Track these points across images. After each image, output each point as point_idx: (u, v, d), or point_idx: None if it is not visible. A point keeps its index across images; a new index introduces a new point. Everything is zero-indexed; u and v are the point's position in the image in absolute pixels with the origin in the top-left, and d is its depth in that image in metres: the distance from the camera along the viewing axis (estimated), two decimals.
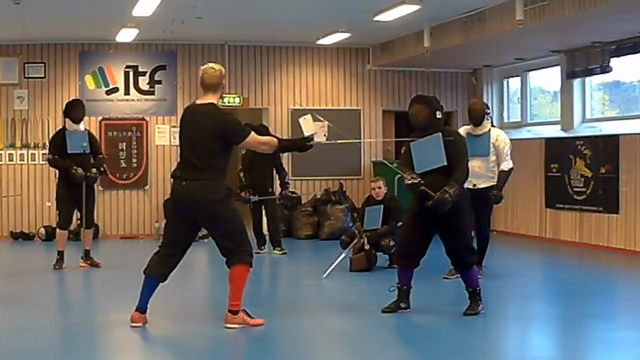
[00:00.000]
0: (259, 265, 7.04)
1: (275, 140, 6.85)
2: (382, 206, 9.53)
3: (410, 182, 6.83)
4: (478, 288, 6.97)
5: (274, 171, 11.42)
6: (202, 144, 6.35)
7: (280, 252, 11.25)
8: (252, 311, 6.57)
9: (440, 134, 6.85)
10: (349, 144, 11.27)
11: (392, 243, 9.40)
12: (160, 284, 6.57)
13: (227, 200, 6.47)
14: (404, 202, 8.90)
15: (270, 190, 11.36)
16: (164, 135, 13.73)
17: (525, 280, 9.23)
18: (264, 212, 11.38)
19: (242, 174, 11.25)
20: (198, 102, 6.58)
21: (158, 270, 6.50)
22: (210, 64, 6.61)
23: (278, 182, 11.47)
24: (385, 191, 9.86)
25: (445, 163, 6.80)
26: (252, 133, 6.51)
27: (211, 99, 6.47)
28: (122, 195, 13.66)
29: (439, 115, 6.98)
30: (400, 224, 9.46)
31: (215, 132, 6.33)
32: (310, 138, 6.70)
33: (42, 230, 13.09)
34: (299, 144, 6.77)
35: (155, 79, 13.75)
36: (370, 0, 10.51)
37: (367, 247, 9.52)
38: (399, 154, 13.94)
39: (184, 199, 6.40)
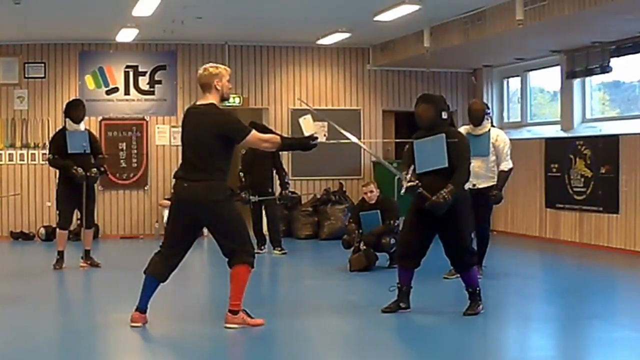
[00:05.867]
0: (259, 265, 7.03)
1: (278, 138, 6.78)
2: (378, 211, 9.60)
3: (407, 184, 6.83)
4: (478, 288, 6.97)
5: (274, 171, 11.43)
6: (203, 145, 6.34)
7: (280, 252, 11.25)
8: (252, 311, 6.56)
9: (443, 135, 6.83)
10: (349, 144, 11.22)
11: (392, 241, 9.42)
12: (161, 284, 6.57)
13: (229, 200, 6.47)
14: (404, 202, 8.91)
15: (270, 190, 11.36)
16: (164, 135, 13.73)
17: (525, 280, 9.23)
18: (264, 212, 11.38)
19: (242, 175, 11.25)
20: (198, 102, 6.58)
21: (158, 271, 6.50)
22: (206, 65, 6.60)
23: (278, 182, 11.48)
24: (378, 194, 9.87)
25: (447, 165, 6.80)
26: (253, 131, 6.49)
27: (210, 99, 6.45)
28: (122, 195, 13.66)
29: (444, 115, 6.94)
30: (396, 222, 9.54)
31: (215, 132, 6.32)
32: (314, 137, 6.65)
33: (42, 230, 13.09)
34: (303, 142, 6.70)
35: (155, 79, 13.75)
36: (370, 0, 10.51)
37: (363, 247, 9.54)
38: (399, 154, 13.98)
39: (185, 199, 6.40)
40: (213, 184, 6.33)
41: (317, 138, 6.66)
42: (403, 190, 6.87)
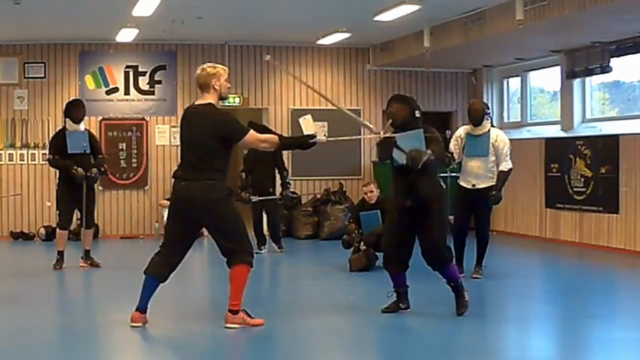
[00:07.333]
0: (259, 265, 7.04)
1: (276, 138, 6.78)
2: (378, 211, 9.60)
3: (384, 134, 6.82)
4: (460, 280, 6.98)
5: (276, 171, 11.42)
6: (201, 144, 6.35)
7: (279, 249, 11.27)
8: (252, 311, 6.57)
9: (422, 130, 6.88)
10: (349, 144, 11.29)
11: None
12: (161, 284, 6.57)
13: (228, 200, 6.47)
14: None
15: (271, 190, 11.36)
16: (164, 135, 13.74)
17: (525, 280, 9.23)
18: (264, 212, 11.38)
19: (243, 175, 11.26)
20: (197, 102, 6.58)
21: (158, 271, 6.50)
22: (204, 65, 6.60)
23: (279, 181, 11.47)
24: (378, 194, 9.88)
25: None
26: (251, 131, 6.50)
27: (209, 99, 6.46)
28: (122, 195, 13.67)
29: (417, 114, 7.02)
30: None
31: (213, 132, 6.32)
32: (313, 136, 6.64)
33: (42, 230, 13.09)
34: (302, 141, 6.70)
35: (155, 79, 13.75)
36: (370, 0, 10.51)
37: (363, 247, 9.55)
38: None
39: (184, 199, 6.40)
40: (211, 184, 6.33)
41: (316, 137, 6.66)
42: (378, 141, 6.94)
